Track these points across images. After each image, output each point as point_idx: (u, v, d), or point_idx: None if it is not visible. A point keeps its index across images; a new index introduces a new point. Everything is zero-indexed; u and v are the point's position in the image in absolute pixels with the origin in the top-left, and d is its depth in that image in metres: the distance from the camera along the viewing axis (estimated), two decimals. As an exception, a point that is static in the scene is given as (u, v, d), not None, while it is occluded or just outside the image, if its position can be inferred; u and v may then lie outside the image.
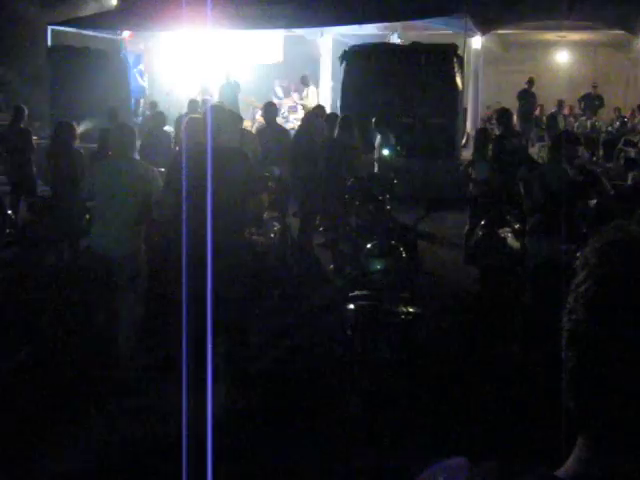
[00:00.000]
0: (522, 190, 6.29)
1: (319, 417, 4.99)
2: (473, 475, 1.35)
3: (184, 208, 3.99)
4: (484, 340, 6.15)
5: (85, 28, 18.31)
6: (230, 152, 5.40)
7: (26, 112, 10.98)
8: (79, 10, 19.61)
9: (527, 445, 4.33)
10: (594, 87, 19.49)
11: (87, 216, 7.20)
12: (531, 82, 16.54)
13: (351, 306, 4.95)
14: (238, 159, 5.41)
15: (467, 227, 7.99)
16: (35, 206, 8.94)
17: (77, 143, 8.54)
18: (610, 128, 18.39)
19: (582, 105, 19.10)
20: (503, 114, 9.24)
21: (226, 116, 5.79)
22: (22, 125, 10.97)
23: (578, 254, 1.02)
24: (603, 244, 0.92)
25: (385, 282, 4.98)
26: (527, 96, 16.31)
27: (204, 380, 1.61)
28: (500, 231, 6.80)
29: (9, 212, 9.36)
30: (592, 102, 19.11)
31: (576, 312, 0.93)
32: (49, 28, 17.48)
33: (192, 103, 12.64)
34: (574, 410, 0.94)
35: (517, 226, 7.31)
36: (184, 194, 4.06)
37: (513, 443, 4.40)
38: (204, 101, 14.88)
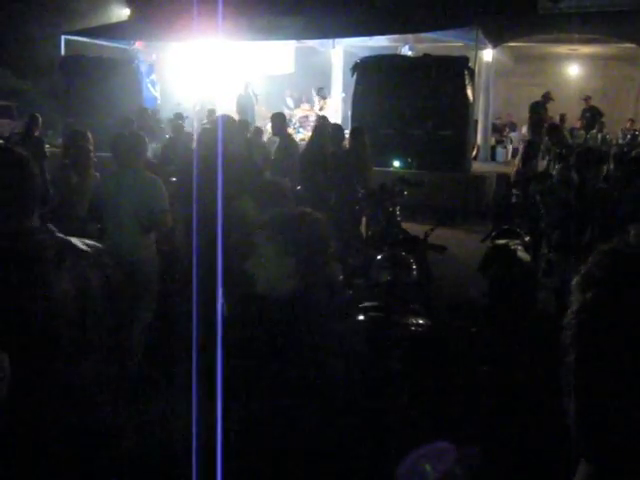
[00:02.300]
0: (541, 205, 6.29)
1: (325, 428, 4.97)
2: (460, 459, 1.35)
3: (195, 217, 4.02)
4: (493, 353, 6.13)
5: (98, 38, 18.44)
6: (242, 163, 5.49)
7: (40, 120, 11.04)
8: (93, 20, 19.76)
9: (532, 465, 4.32)
10: (585, 100, 19.42)
11: (98, 225, 7.19)
12: (546, 96, 16.50)
13: (360, 317, 4.95)
14: (250, 170, 5.49)
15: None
16: (46, 216, 8.96)
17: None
18: (621, 141, 18.37)
19: (583, 122, 19.14)
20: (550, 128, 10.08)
21: (234, 126, 5.85)
22: (37, 133, 11.02)
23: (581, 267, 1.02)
24: (609, 258, 0.92)
25: (395, 293, 4.97)
26: (539, 108, 16.31)
27: (214, 393, 1.61)
28: (510, 243, 6.79)
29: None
30: (584, 116, 19.14)
31: (584, 329, 0.93)
32: (62, 37, 17.61)
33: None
34: (577, 435, 0.93)
35: (527, 238, 7.30)
36: (194, 203, 4.09)
37: (519, 462, 4.40)
38: (209, 111, 14.98)
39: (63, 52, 17.63)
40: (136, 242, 5.75)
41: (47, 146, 12.22)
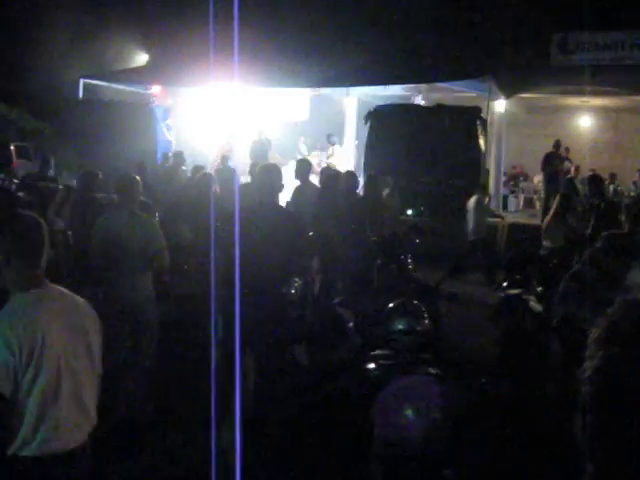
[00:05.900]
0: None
1: (336, 476, 4.94)
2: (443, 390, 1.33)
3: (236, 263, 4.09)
4: (504, 403, 6.09)
5: (116, 82, 18.72)
6: (281, 213, 5.68)
7: (52, 162, 11.04)
8: (112, 65, 20.09)
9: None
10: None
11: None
12: (557, 145, 16.51)
13: (372, 365, 4.93)
14: (287, 220, 5.66)
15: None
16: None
17: (100, 193, 8.52)
18: (633, 193, 18.41)
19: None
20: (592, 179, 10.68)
21: (278, 176, 5.96)
22: (49, 174, 11.02)
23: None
24: (614, 320, 0.93)
25: (406, 342, 4.95)
26: (553, 160, 16.34)
27: (232, 437, 1.62)
28: (522, 293, 6.76)
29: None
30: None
31: (588, 385, 0.93)
32: (81, 81, 17.90)
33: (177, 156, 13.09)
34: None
35: (540, 289, 7.27)
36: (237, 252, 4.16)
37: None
38: (225, 157, 15.05)
39: (81, 95, 17.89)
40: (134, 284, 5.77)
41: (60, 187, 12.27)
